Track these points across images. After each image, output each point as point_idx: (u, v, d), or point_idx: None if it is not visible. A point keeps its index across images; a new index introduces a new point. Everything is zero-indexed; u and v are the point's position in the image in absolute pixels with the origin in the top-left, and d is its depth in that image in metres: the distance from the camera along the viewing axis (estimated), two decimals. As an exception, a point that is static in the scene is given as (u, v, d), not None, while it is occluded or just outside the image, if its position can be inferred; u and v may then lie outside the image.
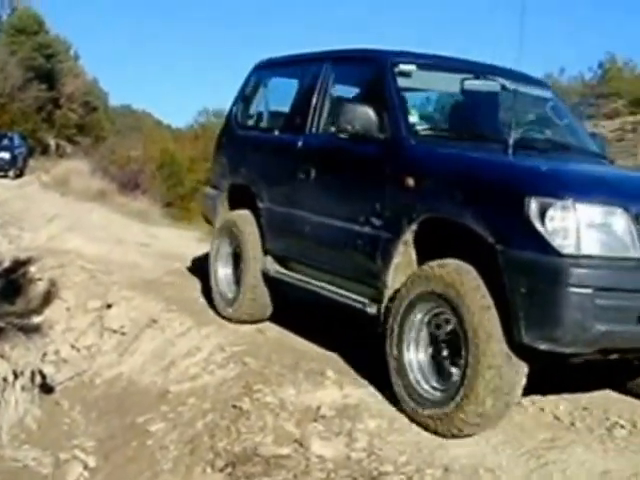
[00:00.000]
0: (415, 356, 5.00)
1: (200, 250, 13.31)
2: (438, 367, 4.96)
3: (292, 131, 6.77)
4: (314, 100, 6.51)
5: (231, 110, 8.15)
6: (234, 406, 5.45)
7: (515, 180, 4.68)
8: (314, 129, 6.46)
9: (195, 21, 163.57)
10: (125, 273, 9.43)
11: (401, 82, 5.87)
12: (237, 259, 7.26)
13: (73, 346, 7.98)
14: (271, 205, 6.83)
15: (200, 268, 10.24)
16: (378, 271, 5.35)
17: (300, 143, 6.50)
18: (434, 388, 4.93)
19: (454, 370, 4.79)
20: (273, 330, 7.06)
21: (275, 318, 7.21)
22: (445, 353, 4.91)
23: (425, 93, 6.98)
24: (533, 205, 4.32)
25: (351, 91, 6.89)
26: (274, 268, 6.81)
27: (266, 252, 6.92)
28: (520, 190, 4.45)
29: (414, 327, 4.97)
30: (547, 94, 6.83)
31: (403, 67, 5.98)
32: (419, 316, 4.95)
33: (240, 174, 7.39)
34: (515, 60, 6.48)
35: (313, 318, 7.11)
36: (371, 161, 5.63)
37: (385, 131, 5.56)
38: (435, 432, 4.83)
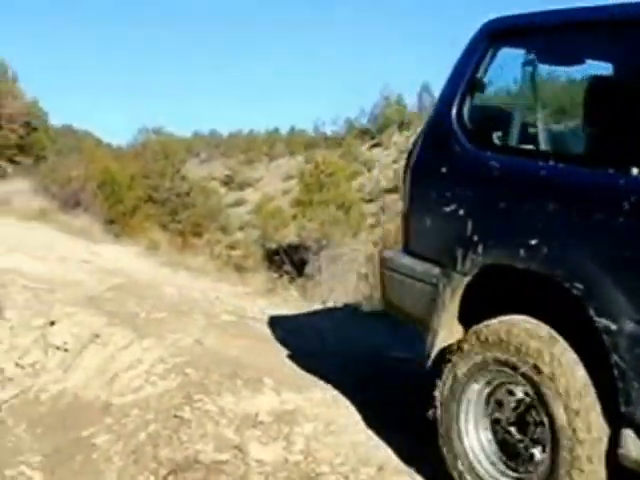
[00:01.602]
0: None
1: (140, 264, 13.36)
2: None
3: None
4: None
5: (445, 112, 4.55)
6: (175, 416, 5.48)
7: None
8: None
9: (135, 43, 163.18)
10: (68, 290, 9.34)
11: None
12: (500, 408, 4.05)
13: (17, 364, 7.87)
14: None
15: (137, 282, 10.26)
16: None
17: None
18: None
19: None
20: (211, 340, 7.10)
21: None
22: None
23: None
24: None
25: None
26: None
27: (626, 421, 3.45)
28: None
29: None
30: None
31: None
32: None
33: (526, 251, 3.78)
34: None
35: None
36: None
37: None
38: None
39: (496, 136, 4.34)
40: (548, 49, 4.31)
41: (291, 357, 6.84)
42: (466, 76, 4.42)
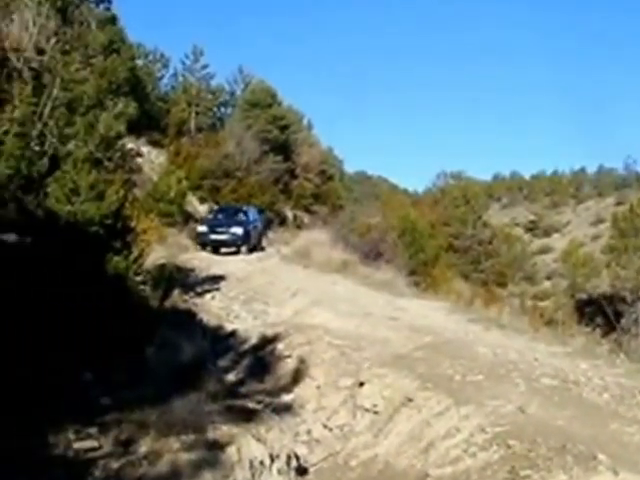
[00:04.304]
0: None
1: (448, 320, 13.39)
2: None
3: None
4: None
5: None
6: (501, 493, 5.40)
7: None
8: None
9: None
10: (375, 349, 9.57)
11: None
12: None
13: (325, 426, 8.16)
14: None
15: (447, 341, 10.27)
16: None
17: None
18: None
19: None
20: (533, 408, 6.93)
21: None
22: None
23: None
24: None
25: None
26: None
27: None
28: None
29: None
30: None
31: None
32: None
33: None
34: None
35: None
36: None
37: None
38: None
39: None
40: None
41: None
42: None
